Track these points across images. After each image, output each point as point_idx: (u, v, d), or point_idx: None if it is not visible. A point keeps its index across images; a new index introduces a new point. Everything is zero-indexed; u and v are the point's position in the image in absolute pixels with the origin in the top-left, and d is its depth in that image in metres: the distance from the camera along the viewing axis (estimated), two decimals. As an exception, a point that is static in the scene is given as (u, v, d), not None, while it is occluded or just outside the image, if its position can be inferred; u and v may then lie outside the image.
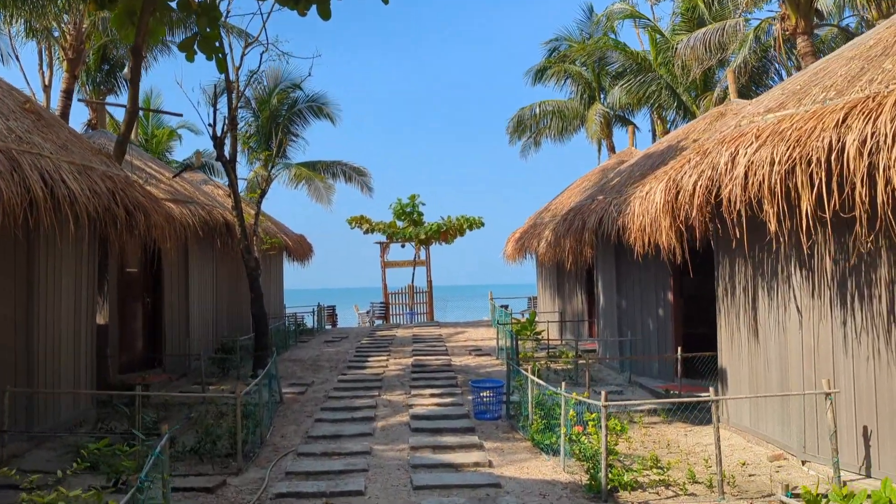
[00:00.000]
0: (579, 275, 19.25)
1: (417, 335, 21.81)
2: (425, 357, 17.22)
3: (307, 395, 13.19)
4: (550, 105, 30.85)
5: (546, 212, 20.83)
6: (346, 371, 15.61)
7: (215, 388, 13.91)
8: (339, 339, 21.51)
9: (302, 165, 30.19)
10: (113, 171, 10.29)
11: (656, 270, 13.33)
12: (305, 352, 18.84)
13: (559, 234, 15.10)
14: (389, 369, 15.80)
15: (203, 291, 16.59)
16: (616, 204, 13.21)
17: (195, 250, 15.92)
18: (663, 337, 13.34)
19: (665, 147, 13.97)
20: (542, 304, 22.48)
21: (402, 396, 12.81)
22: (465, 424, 10.57)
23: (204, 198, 16.18)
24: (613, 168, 20.19)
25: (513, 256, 22.00)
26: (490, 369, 15.58)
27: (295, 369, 16.04)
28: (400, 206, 27.22)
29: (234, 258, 17.75)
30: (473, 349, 18.60)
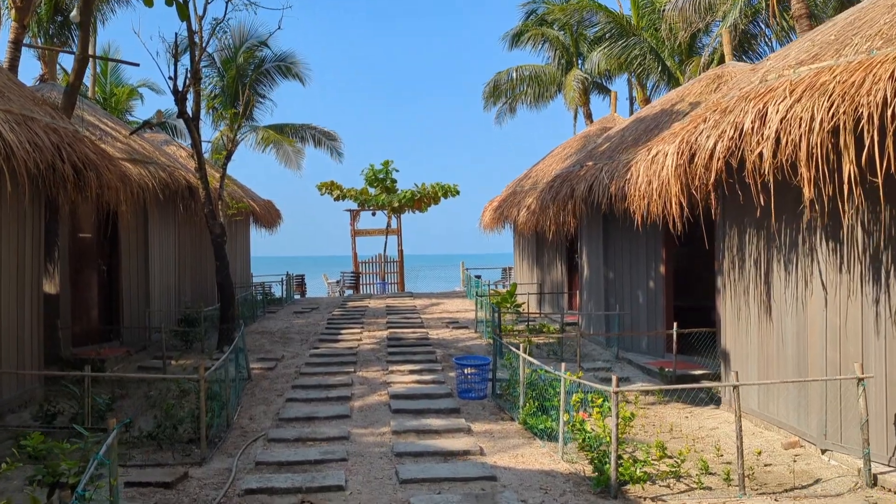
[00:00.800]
0: (560, 245, 18.48)
1: (391, 306, 20.93)
2: (401, 330, 16.36)
3: (277, 371, 12.25)
4: (527, 70, 29.82)
5: (526, 179, 19.96)
6: (317, 344, 14.68)
7: (177, 363, 12.91)
8: (309, 309, 20.54)
9: (270, 128, 28.81)
10: (59, 123, 9.13)
11: (647, 241, 12.58)
12: (274, 323, 17.86)
13: (544, 201, 14.25)
14: (364, 343, 14.91)
15: (165, 259, 15.46)
16: (607, 170, 12.37)
17: (155, 215, 14.76)
18: (653, 310, 12.63)
19: (658, 111, 13.14)
20: (520, 275, 21.71)
21: (379, 373, 11.95)
22: (450, 405, 9.74)
23: (165, 159, 14.98)
24: (597, 134, 19.36)
25: (490, 225, 21.15)
26: (469, 343, 14.78)
27: (263, 342, 15.07)
28: (372, 173, 26.11)
29: (199, 224, 16.62)
30: (450, 321, 17.79)
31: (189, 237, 17.75)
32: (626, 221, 12.33)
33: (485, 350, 13.86)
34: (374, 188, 26.50)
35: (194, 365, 12.58)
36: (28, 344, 9.66)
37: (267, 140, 28.38)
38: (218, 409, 8.68)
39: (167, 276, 15.59)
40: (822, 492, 6.50)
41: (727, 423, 8.85)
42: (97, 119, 14.19)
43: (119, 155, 13.19)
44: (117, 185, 9.64)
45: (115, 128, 14.66)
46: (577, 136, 20.13)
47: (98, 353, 12.45)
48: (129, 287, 13.98)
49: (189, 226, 17.39)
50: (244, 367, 11.68)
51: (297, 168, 28.40)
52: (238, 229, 22.02)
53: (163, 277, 15.29)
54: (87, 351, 12.68)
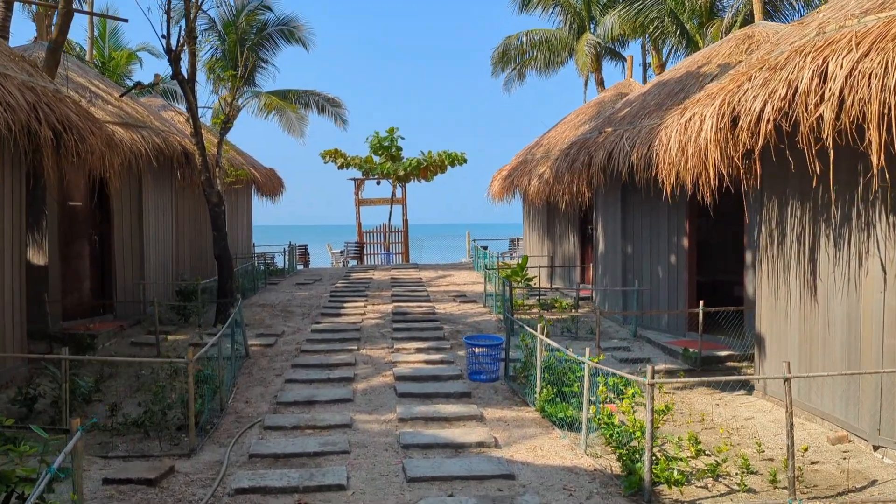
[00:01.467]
0: (572, 216, 17.67)
1: (396, 278, 20.19)
2: (406, 304, 15.63)
3: (277, 348, 11.55)
4: (538, 35, 28.70)
5: (538, 147, 19.07)
6: (319, 319, 13.97)
7: (172, 338, 12.22)
8: (311, 281, 19.82)
9: (272, 94, 27.82)
10: (37, 81, 8.30)
11: (670, 212, 11.76)
12: (275, 295, 17.15)
13: (558, 170, 13.41)
14: (368, 317, 14.20)
15: (160, 229, 14.71)
16: (628, 137, 11.51)
17: (150, 182, 13.97)
18: (674, 287, 11.86)
19: (682, 74, 12.23)
20: (529, 247, 20.92)
21: (384, 351, 11.24)
22: (460, 388, 9.03)
23: (160, 123, 14.14)
24: (612, 100, 18.44)
25: (499, 195, 20.30)
26: (478, 318, 14.05)
27: (263, 316, 14.37)
28: (377, 140, 25.20)
29: (197, 192, 15.84)
30: (457, 295, 17.05)
31: (188, 206, 16.97)
32: (648, 191, 11.53)
33: (495, 327, 13.14)
34: (379, 156, 25.62)
35: (189, 341, 11.89)
36: (9, 319, 8.94)
37: (269, 106, 27.43)
38: (210, 394, 7.98)
39: (163, 247, 14.85)
40: (880, 495, 5.77)
41: (763, 412, 8.12)
42: (87, 81, 13.34)
43: (109, 119, 12.37)
44: (103, 149, 8.83)
45: (107, 90, 13.80)
46: (590, 103, 19.20)
47: (89, 328, 11.77)
48: (122, 258, 13.25)
49: (187, 194, 16.62)
50: (242, 343, 10.99)
51: (300, 135, 27.49)
52: (239, 198, 21.24)
53: (159, 248, 14.54)
54: (78, 325, 12.00)
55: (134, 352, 11.37)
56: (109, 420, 7.74)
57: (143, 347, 11.62)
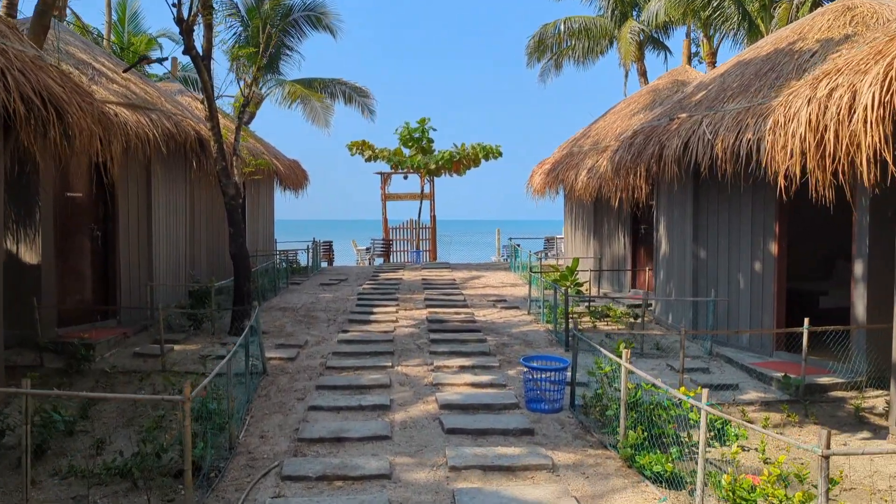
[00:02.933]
0: (622, 214, 15.93)
1: (427, 279, 18.57)
2: (442, 310, 14.00)
3: (299, 363, 9.97)
4: (577, 22, 26.93)
5: (584, 139, 17.33)
6: (347, 326, 12.38)
7: (181, 348, 10.69)
8: (336, 281, 18.26)
9: (297, 83, 26.32)
10: (11, 44, 6.75)
11: (755, 212, 10.01)
12: (298, 297, 15.61)
13: (619, 161, 11.68)
14: (400, 325, 12.59)
15: (173, 224, 13.21)
16: (710, 123, 9.77)
17: (161, 172, 12.46)
18: (758, 298, 10.12)
19: (770, 51, 10.45)
20: (571, 246, 19.20)
21: (422, 369, 9.61)
22: (519, 422, 7.38)
23: (172, 106, 12.61)
24: (668, 88, 16.67)
25: (541, 190, 18.58)
26: (524, 329, 12.39)
27: (284, 322, 12.81)
28: (407, 132, 23.59)
29: (214, 184, 14.30)
30: (496, 299, 15.40)
31: (204, 200, 15.48)
32: (728, 186, 9.81)
33: (546, 340, 11.47)
34: (409, 148, 24.00)
35: (200, 352, 10.37)
36: (-19, 331, 7.44)
37: (294, 95, 25.93)
38: (216, 431, 6.41)
39: (176, 245, 13.35)
40: None
41: (911, 465, 6.39)
42: (91, 57, 11.83)
43: (114, 99, 10.85)
44: (93, 128, 7.25)
45: (114, 69, 12.29)
46: (642, 91, 17.43)
47: (87, 336, 10.28)
48: (128, 257, 11.75)
49: (204, 187, 15.11)
50: (259, 357, 9.43)
51: (325, 125, 25.96)
52: (261, 191, 19.73)
53: (170, 246, 13.04)
54: (76, 332, 10.51)
55: (137, 364, 9.86)
56: (93, 460, 6.19)
57: (148, 359, 10.10)
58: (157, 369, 9.57)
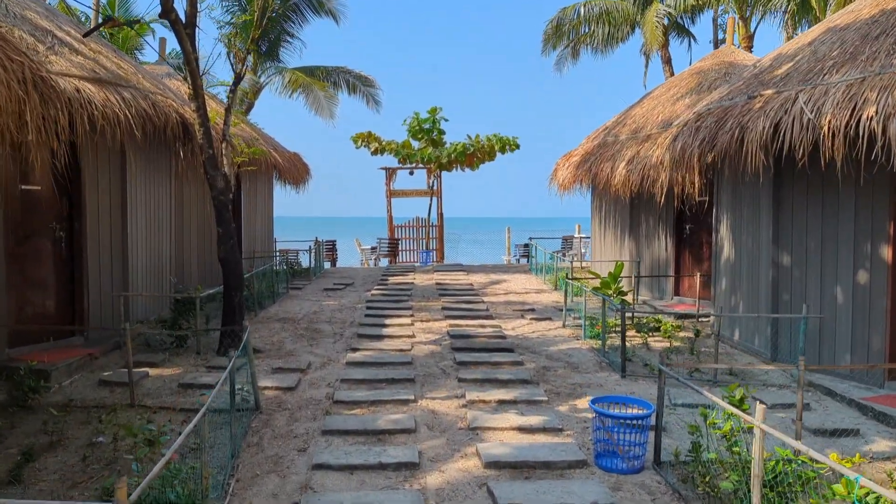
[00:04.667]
0: (664, 212, 13.99)
1: (442, 284, 16.63)
2: (464, 321, 12.07)
3: (300, 394, 8.03)
4: (597, 5, 24.94)
5: (620, 127, 15.37)
6: (356, 342, 10.46)
7: (158, 372, 8.77)
8: (342, 285, 16.32)
9: (298, 70, 24.33)
10: None
11: (859, 209, 8.07)
12: (299, 305, 13.67)
13: (684, 149, 9.71)
14: (418, 340, 10.67)
15: (154, 223, 11.28)
16: (810, 100, 7.81)
17: (138, 162, 10.53)
18: (861, 315, 8.17)
19: (876, 12, 8.49)
20: (600, 248, 17.25)
21: (452, 403, 7.68)
22: (596, 493, 5.44)
23: (151, 84, 10.64)
24: (715, 70, 14.71)
25: (568, 185, 16.60)
26: (563, 347, 10.46)
27: (284, 337, 10.88)
28: (417, 122, 21.53)
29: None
30: (523, 308, 13.47)
31: (194, 195, 13.58)
32: (823, 178, 7.87)
33: (593, 362, 9.54)
34: (419, 141, 21.95)
35: (180, 379, 8.43)
36: None
37: (295, 83, 23.95)
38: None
39: (158, 248, 11.41)
40: None
41: None
42: (55, 25, 9.85)
43: (77, 72, 8.89)
44: (19, 93, 5.29)
45: (82, 42, 10.30)
46: (684, 75, 15.45)
47: (44, 359, 8.37)
48: (97, 262, 9.82)
49: (193, 180, 13.21)
50: (250, 387, 7.49)
51: (329, 116, 24.01)
52: (258, 186, 17.78)
53: (151, 249, 11.10)
54: (31, 354, 8.60)
55: (101, 395, 7.94)
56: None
57: (116, 388, 8.17)
58: (125, 402, 7.65)
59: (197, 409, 7.16)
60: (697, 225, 13.52)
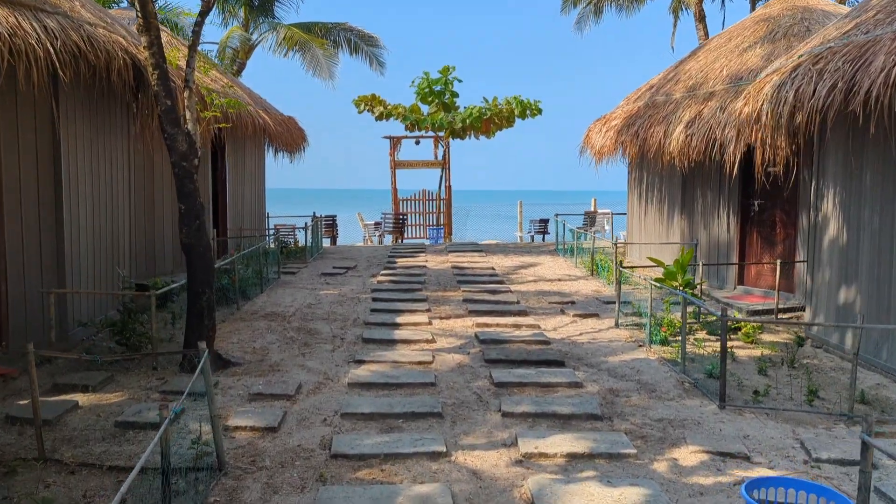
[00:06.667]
0: (727, 186, 11.47)
1: (459, 267, 14.16)
2: (493, 320, 9.64)
3: (283, 441, 5.60)
4: (626, -44, 22.20)
5: (671, 84, 12.77)
6: (360, 351, 8.03)
7: (93, 399, 6.35)
8: (343, 269, 13.84)
9: (295, 27, 21.65)
10: None
11: None
12: (291, 295, 11.22)
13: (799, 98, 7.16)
14: (440, 348, 8.25)
15: (106, 195, 8.79)
16: None
17: (79, 117, 8.00)
18: None
19: None
20: (639, 227, 14.75)
21: (501, 459, 5.25)
22: None
23: (91, 14, 8.02)
24: (789, 14, 12.09)
25: (609, 152, 13.99)
26: (626, 357, 8.04)
27: (270, 341, 8.46)
28: (427, 84, 18.95)
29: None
30: (561, 300, 11.04)
31: (165, 163, 11.04)
32: None
33: (672, 382, 7.11)
34: (428, 105, 19.39)
35: (120, 414, 5.99)
36: None
37: (290, 41, 21.26)
38: None
39: (110, 230, 8.93)
40: None
41: None
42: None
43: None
44: None
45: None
46: (748, 23, 12.80)
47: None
48: (19, 249, 7.35)
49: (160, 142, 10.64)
50: (214, 443, 5.05)
51: (328, 77, 21.37)
52: (247, 153, 15.23)
53: (99, 231, 8.61)
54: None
55: (3, 441, 5.51)
56: None
57: (27, 429, 5.75)
58: (32, 455, 5.23)
59: (133, 467, 4.78)
60: (770, 200, 11.03)
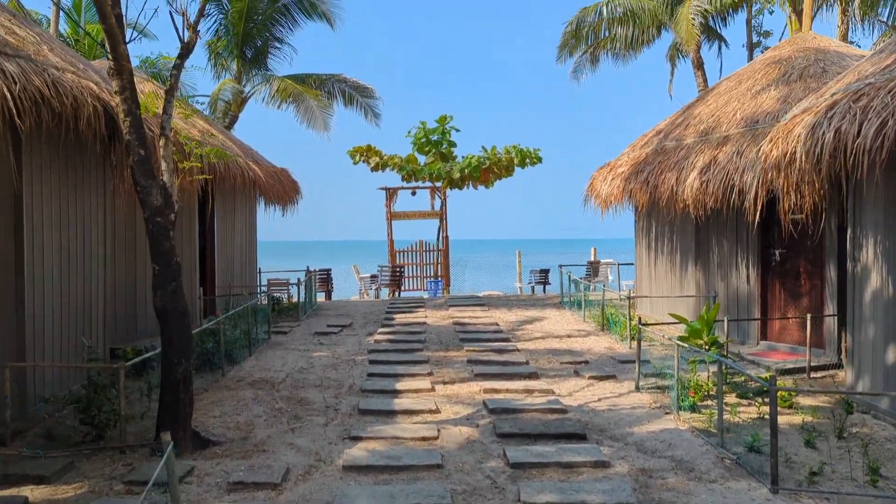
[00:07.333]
0: (745, 234, 10.73)
1: (461, 323, 13.29)
2: (502, 384, 8.74)
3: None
4: (621, 5, 21.91)
5: (681, 129, 12.14)
6: (356, 425, 7.10)
7: (44, 496, 5.38)
8: (337, 327, 12.95)
9: (289, 79, 21.16)
10: None
11: None
12: (282, 359, 10.31)
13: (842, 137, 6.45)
14: (446, 419, 7.34)
15: (76, 253, 7.96)
16: None
17: (45, 167, 7.22)
18: None
19: None
20: (649, 278, 13.95)
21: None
22: None
23: (61, 59, 7.30)
24: (802, 56, 11.56)
25: (615, 199, 13.27)
26: (653, 427, 7.14)
27: (255, 413, 7.53)
28: (423, 133, 18.37)
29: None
30: (573, 360, 10.16)
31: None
32: None
33: (711, 458, 6.20)
34: (425, 155, 18.77)
35: (83, 500, 5.05)
36: None
37: (284, 93, 20.75)
38: None
39: (82, 289, 8.06)
40: None
41: None
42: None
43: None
44: None
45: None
46: (757, 65, 12.22)
47: None
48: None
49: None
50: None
51: (323, 128, 20.79)
52: (237, 207, 14.47)
53: (68, 294, 7.76)
54: None
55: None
56: None
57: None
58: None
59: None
60: (793, 250, 10.27)
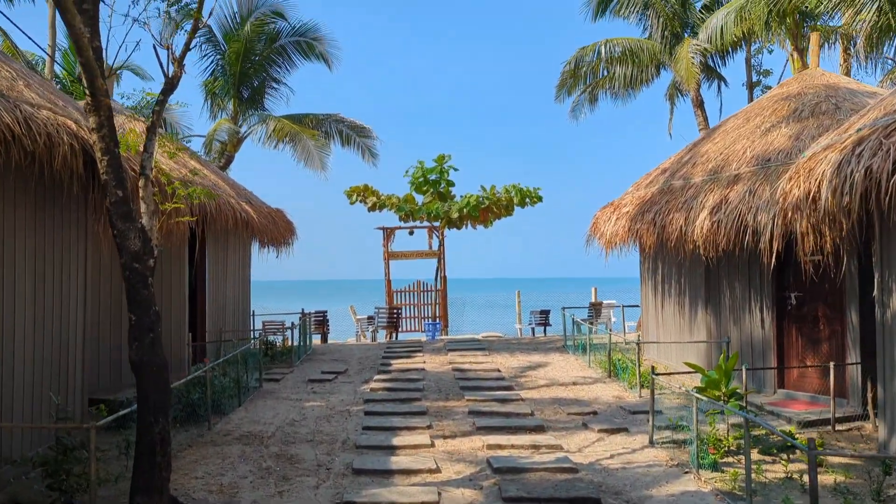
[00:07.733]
0: (759, 277, 10.23)
1: (461, 370, 12.68)
2: (506, 438, 8.13)
3: None
4: (620, 45, 21.75)
5: (688, 168, 11.71)
6: (350, 488, 6.49)
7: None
8: (332, 374, 12.34)
9: (286, 119, 20.88)
10: None
11: None
12: (273, 410, 9.69)
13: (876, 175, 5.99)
14: (447, 480, 6.72)
15: (47, 300, 7.42)
16: None
17: (11, 208, 6.73)
18: None
19: None
20: (655, 321, 13.40)
21: None
22: None
23: (37, 95, 6.86)
24: (814, 92, 11.20)
25: (621, 241, 12.79)
26: (672, 489, 6.54)
27: (241, 473, 6.91)
28: (421, 173, 17.99)
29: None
30: (580, 410, 9.56)
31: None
32: None
33: None
34: (423, 194, 18.36)
35: None
36: None
37: (281, 133, 20.43)
38: None
39: (51, 339, 7.49)
40: None
41: None
42: None
43: None
44: None
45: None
46: (765, 102, 11.87)
47: None
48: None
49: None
50: None
51: (320, 168, 20.42)
52: (230, 249, 13.96)
53: (37, 342, 7.18)
54: None
55: None
56: None
57: None
58: None
59: None
60: (809, 293, 9.76)
